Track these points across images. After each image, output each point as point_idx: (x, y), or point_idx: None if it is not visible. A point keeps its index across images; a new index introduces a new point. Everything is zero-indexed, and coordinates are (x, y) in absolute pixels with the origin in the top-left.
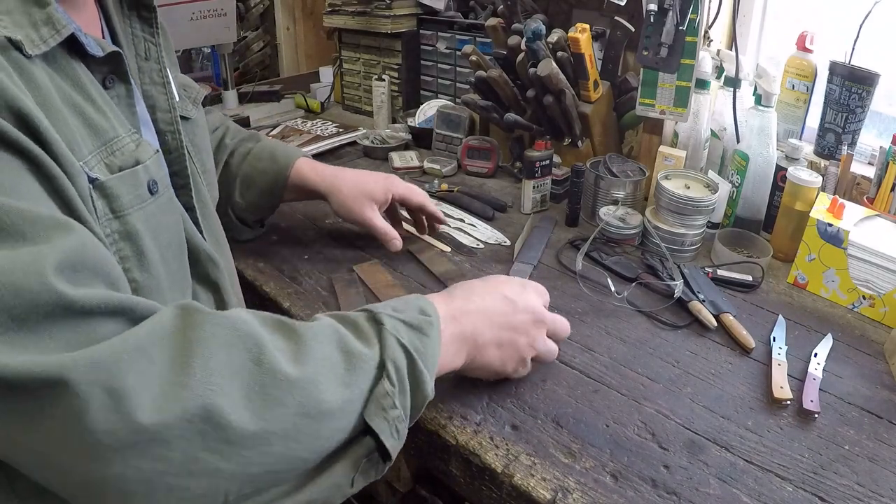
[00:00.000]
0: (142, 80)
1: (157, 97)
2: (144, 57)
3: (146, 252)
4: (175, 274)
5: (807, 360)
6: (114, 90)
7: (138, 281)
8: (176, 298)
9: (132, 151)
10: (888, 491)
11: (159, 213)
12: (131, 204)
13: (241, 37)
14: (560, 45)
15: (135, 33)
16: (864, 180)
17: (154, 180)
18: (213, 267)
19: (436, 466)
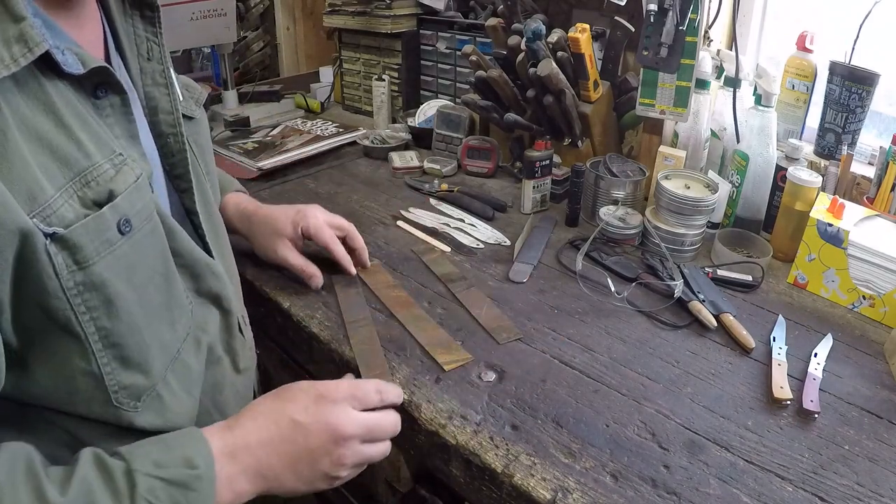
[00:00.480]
0: (143, 81)
1: (159, 98)
2: (147, 58)
3: (115, 298)
4: (159, 308)
5: (807, 360)
6: (107, 100)
7: (107, 328)
8: (161, 332)
9: (108, 180)
10: (888, 491)
11: (133, 253)
12: (97, 252)
13: (241, 37)
14: (560, 45)
15: (137, 33)
16: (864, 180)
17: (126, 218)
18: (214, 279)
19: (436, 466)
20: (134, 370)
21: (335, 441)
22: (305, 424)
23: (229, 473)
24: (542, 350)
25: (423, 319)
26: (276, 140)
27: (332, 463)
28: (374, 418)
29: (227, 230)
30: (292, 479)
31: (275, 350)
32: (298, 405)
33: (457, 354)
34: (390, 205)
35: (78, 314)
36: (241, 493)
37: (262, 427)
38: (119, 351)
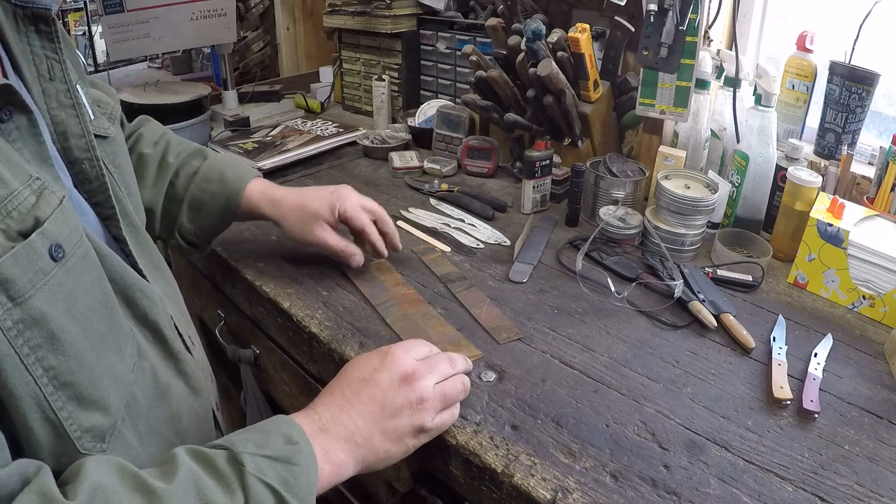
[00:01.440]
0: (48, 104)
1: (67, 121)
2: (49, 77)
3: (59, 333)
4: (105, 337)
5: (807, 360)
6: (12, 122)
7: (55, 367)
8: (111, 363)
9: (31, 208)
10: (888, 491)
11: (69, 280)
12: (31, 283)
13: (241, 37)
14: (560, 45)
15: (34, 52)
16: (864, 180)
17: (57, 244)
18: (148, 303)
19: (436, 466)
20: (91, 409)
21: (407, 381)
22: (376, 380)
23: (324, 445)
24: (542, 350)
25: (432, 317)
26: (276, 140)
27: (412, 409)
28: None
29: (254, 216)
30: (381, 439)
31: (275, 350)
32: (366, 368)
33: (467, 351)
34: (390, 205)
35: (22, 356)
36: (339, 464)
37: (339, 397)
38: (72, 390)
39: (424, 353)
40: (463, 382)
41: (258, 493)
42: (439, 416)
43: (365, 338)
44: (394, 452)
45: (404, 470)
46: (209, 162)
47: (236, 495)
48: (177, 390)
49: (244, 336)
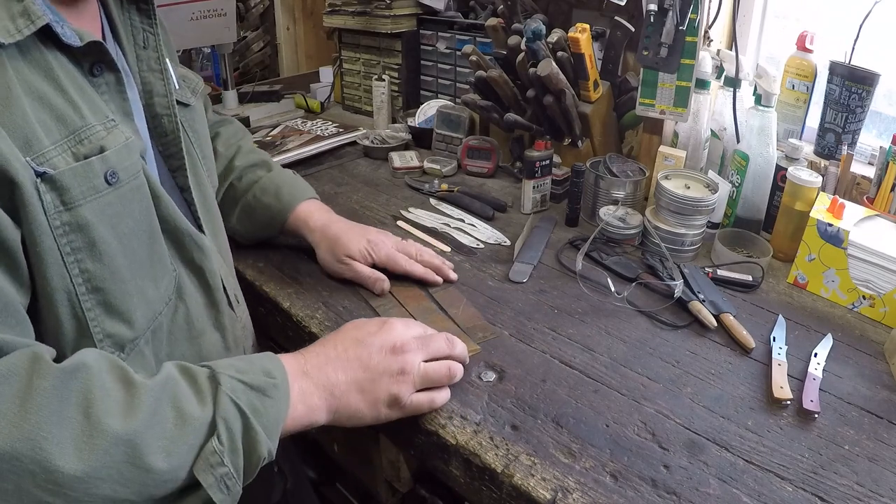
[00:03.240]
0: (140, 67)
1: (154, 83)
2: (143, 46)
3: (99, 242)
4: (143, 261)
5: (807, 360)
6: (102, 78)
7: (90, 271)
8: (144, 286)
9: (101, 139)
10: (888, 491)
11: (119, 203)
12: (83, 196)
13: (241, 37)
14: (560, 45)
15: (133, 24)
16: (864, 180)
17: (113, 171)
18: (197, 251)
19: (436, 466)
20: (117, 319)
21: (395, 351)
22: (367, 343)
23: (302, 387)
24: (542, 350)
25: (432, 312)
26: (276, 140)
27: (391, 377)
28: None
29: (297, 235)
30: (357, 397)
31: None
32: (363, 330)
33: (469, 346)
34: (390, 205)
35: (63, 254)
36: (313, 408)
37: (330, 349)
38: (102, 296)
39: (420, 332)
40: (449, 367)
41: (226, 409)
42: (417, 395)
43: None
44: (366, 413)
45: (404, 470)
46: (271, 175)
47: (206, 406)
48: (210, 339)
49: None
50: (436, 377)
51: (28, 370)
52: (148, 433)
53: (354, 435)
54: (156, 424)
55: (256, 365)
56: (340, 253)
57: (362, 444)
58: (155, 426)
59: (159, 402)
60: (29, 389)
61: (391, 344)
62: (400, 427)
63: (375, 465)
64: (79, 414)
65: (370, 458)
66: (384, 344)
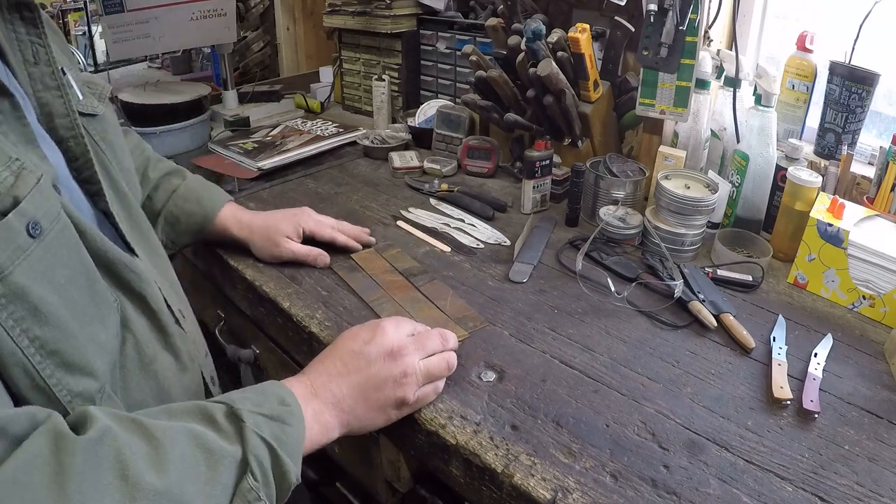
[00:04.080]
0: (34, 87)
1: (52, 102)
2: (34, 62)
3: (40, 305)
4: (87, 307)
5: (807, 360)
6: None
7: (41, 337)
8: (95, 331)
9: (9, 188)
10: (888, 491)
11: (48, 254)
12: (11, 260)
13: (241, 37)
14: (560, 45)
15: (19, 38)
16: (864, 180)
17: (34, 221)
18: (134, 277)
19: (436, 466)
20: (79, 374)
21: (393, 357)
22: (365, 353)
23: (314, 408)
24: (542, 350)
25: (420, 301)
26: (276, 140)
27: (395, 382)
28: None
29: (225, 237)
30: (364, 407)
31: (275, 350)
32: (353, 340)
33: (457, 332)
34: (390, 205)
35: (7, 329)
36: (327, 426)
37: (330, 365)
38: (59, 358)
39: (410, 329)
40: (447, 360)
41: (255, 446)
42: (421, 389)
43: None
44: (377, 420)
45: (404, 470)
46: (188, 183)
47: (235, 445)
48: (164, 363)
49: (244, 336)
50: (436, 371)
51: (53, 451)
52: (185, 482)
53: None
54: (189, 471)
55: (270, 394)
56: (278, 236)
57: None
58: (189, 473)
59: (185, 448)
60: (61, 472)
61: (388, 349)
62: (400, 427)
63: (375, 465)
64: (117, 479)
65: (370, 458)
66: (381, 351)
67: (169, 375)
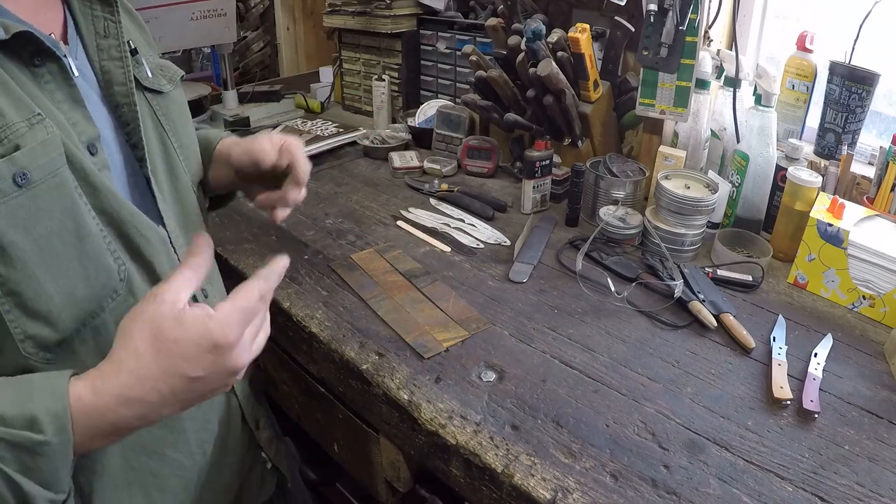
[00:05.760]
0: (100, 56)
1: (114, 71)
2: (103, 35)
3: (9, 247)
4: (68, 261)
5: (807, 360)
6: (44, 67)
7: (3, 275)
8: (71, 286)
9: (19, 137)
10: (888, 491)
11: (31, 205)
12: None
13: (241, 37)
14: (560, 45)
15: (94, 14)
16: (864, 180)
17: (23, 172)
18: (143, 242)
19: (436, 466)
20: (38, 321)
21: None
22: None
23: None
24: (542, 350)
25: (420, 301)
26: None
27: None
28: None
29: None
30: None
31: (275, 350)
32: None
33: (454, 332)
34: (390, 205)
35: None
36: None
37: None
38: (18, 299)
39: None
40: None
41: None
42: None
43: (365, 338)
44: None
45: (404, 470)
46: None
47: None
48: None
49: None
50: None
51: None
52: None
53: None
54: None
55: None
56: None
57: (362, 444)
58: None
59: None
60: None
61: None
62: (400, 427)
63: (375, 465)
64: None
65: (370, 458)
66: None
67: None
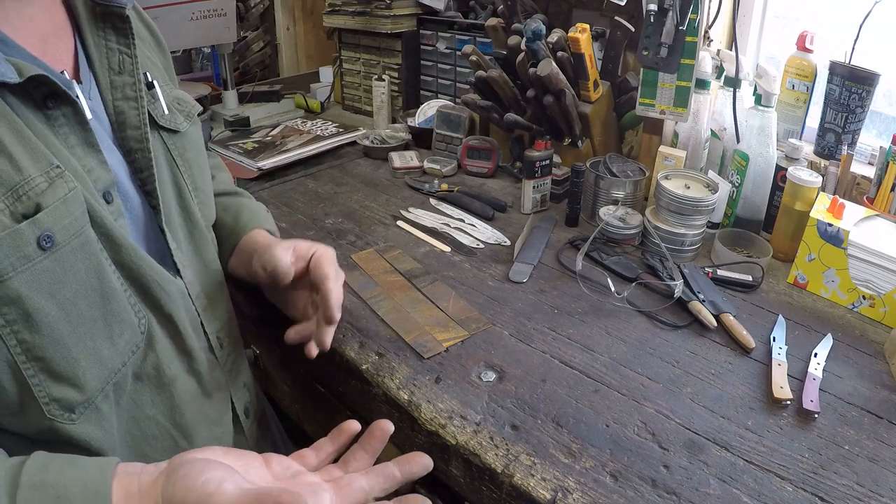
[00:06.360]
0: (113, 95)
1: (127, 112)
2: (118, 71)
3: (35, 313)
4: (94, 322)
5: (807, 360)
6: (58, 110)
7: (29, 342)
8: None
9: (39, 194)
10: (888, 491)
11: (57, 269)
12: (13, 267)
13: (241, 37)
14: (560, 45)
15: (109, 46)
16: (864, 180)
17: (48, 234)
18: (164, 296)
19: (436, 466)
20: (64, 384)
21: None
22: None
23: None
24: (542, 350)
25: (420, 301)
26: (276, 140)
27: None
28: None
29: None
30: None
31: (275, 350)
32: None
33: (454, 332)
34: (390, 205)
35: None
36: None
37: None
38: (45, 364)
39: None
40: None
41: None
42: None
43: (365, 338)
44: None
45: None
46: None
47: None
48: (184, 386)
49: (244, 336)
50: None
51: None
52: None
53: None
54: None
55: None
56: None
57: None
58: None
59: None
60: None
61: None
62: (400, 427)
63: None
64: None
65: None
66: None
67: (187, 399)
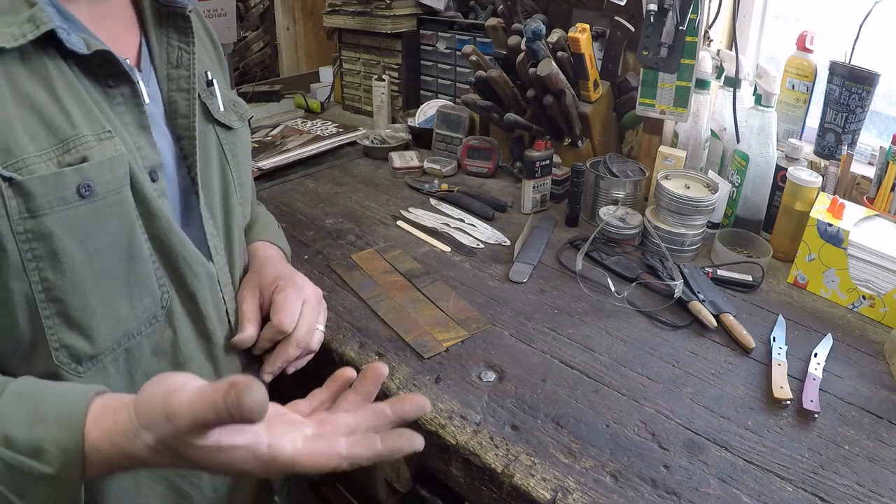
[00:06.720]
0: (169, 86)
1: (179, 103)
2: (175, 65)
3: (62, 254)
4: (116, 279)
5: (807, 360)
6: (117, 89)
7: (51, 280)
8: (115, 304)
9: (88, 149)
10: (888, 491)
11: (91, 217)
12: (50, 205)
13: (241, 37)
14: (560, 45)
15: (169, 43)
16: (864, 180)
17: (88, 184)
18: (191, 276)
19: (436, 466)
20: (76, 332)
21: None
22: None
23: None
24: (542, 350)
25: (420, 301)
26: (276, 140)
27: None
28: None
29: None
30: None
31: None
32: None
33: (454, 332)
34: (390, 205)
35: (24, 260)
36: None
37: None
38: (61, 307)
39: None
40: None
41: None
42: None
43: (365, 338)
44: None
45: (404, 470)
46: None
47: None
48: (199, 368)
49: None
50: None
51: None
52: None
53: None
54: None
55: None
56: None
57: None
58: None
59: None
60: None
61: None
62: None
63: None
64: None
65: None
66: None
67: None
